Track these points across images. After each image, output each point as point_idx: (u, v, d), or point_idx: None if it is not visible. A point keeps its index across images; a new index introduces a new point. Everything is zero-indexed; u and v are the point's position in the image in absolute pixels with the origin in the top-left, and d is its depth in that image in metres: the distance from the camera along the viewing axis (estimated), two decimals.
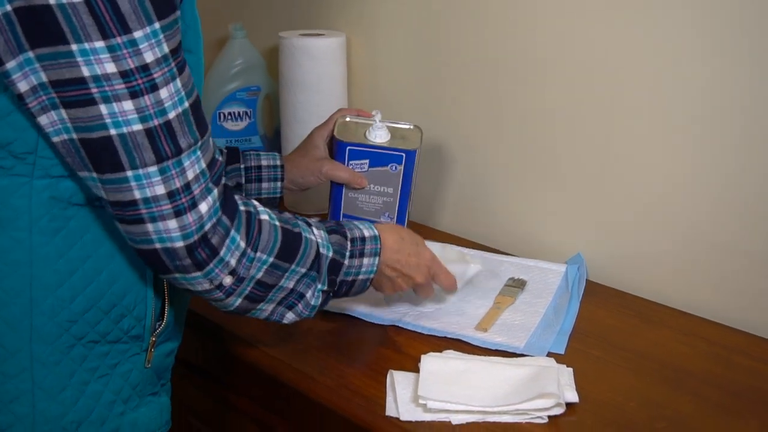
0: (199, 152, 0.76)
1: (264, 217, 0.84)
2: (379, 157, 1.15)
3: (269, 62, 1.65)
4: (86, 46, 0.68)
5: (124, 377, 0.85)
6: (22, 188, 0.76)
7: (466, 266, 1.11)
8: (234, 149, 1.18)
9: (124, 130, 0.71)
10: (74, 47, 0.68)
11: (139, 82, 0.70)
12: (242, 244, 0.80)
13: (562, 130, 1.24)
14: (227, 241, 0.79)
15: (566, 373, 0.93)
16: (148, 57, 0.70)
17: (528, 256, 1.27)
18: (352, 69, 1.51)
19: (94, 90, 0.69)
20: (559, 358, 0.97)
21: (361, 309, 1.09)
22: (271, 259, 0.83)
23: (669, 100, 1.11)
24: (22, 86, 0.70)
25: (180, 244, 0.76)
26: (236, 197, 0.82)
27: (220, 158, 0.80)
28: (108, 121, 0.70)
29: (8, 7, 0.68)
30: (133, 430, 0.87)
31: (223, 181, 0.80)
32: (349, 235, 0.92)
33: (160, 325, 0.86)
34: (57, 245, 0.78)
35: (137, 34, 0.69)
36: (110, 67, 0.69)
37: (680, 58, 1.08)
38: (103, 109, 0.70)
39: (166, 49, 0.72)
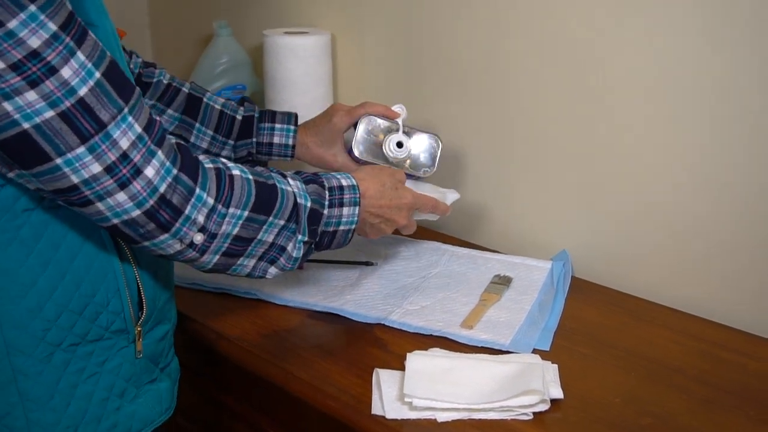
0: (130, 118, 0.73)
1: (236, 172, 0.82)
2: None
3: (255, 60, 1.65)
4: None
5: (114, 372, 0.84)
6: None
7: (443, 196, 1.12)
8: (249, 120, 1.18)
9: (37, 120, 0.68)
10: None
11: (33, 69, 0.67)
12: (210, 201, 0.78)
13: (548, 126, 1.24)
14: (192, 200, 0.77)
15: (551, 370, 0.93)
16: (34, 42, 0.67)
17: (513, 252, 1.27)
18: (337, 67, 1.51)
19: None
20: (544, 355, 0.97)
21: (347, 308, 1.09)
22: (246, 213, 0.81)
23: (658, 96, 1.11)
24: None
25: (137, 212, 0.74)
26: (199, 156, 0.80)
27: (157, 117, 0.77)
28: (17, 116, 0.67)
29: None
30: (132, 423, 0.86)
31: (173, 140, 0.78)
32: (326, 185, 0.91)
33: (141, 315, 0.85)
34: (12, 256, 0.76)
35: (12, 24, 0.66)
36: None
37: (677, 52, 1.07)
38: (7, 106, 0.67)
39: (53, 27, 0.68)
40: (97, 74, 0.71)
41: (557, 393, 0.89)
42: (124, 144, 0.72)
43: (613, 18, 1.12)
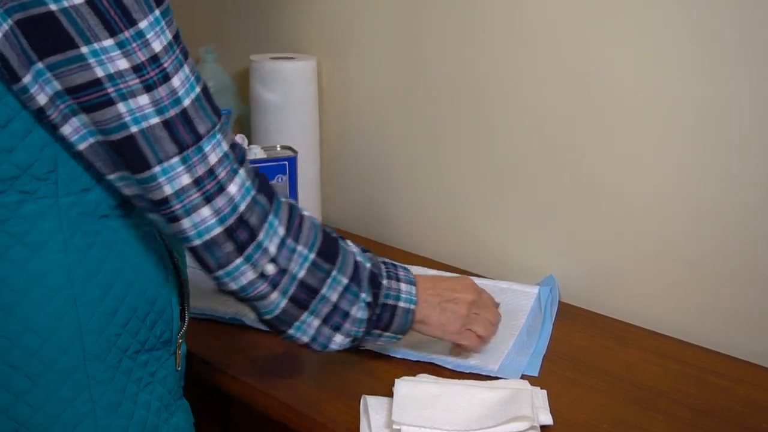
0: (219, 135, 0.75)
1: (306, 213, 0.84)
2: (264, 172, 1.19)
3: (240, 85, 1.65)
4: (96, 46, 0.67)
5: (162, 383, 0.84)
6: (50, 210, 0.74)
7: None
8: None
9: (143, 125, 0.70)
10: (84, 49, 0.67)
11: (151, 74, 0.69)
12: (281, 231, 0.80)
13: (534, 151, 1.24)
14: (266, 225, 0.78)
15: (540, 395, 0.93)
16: (156, 46, 0.69)
17: (500, 278, 1.27)
18: (322, 92, 1.51)
19: (110, 90, 0.68)
20: (533, 381, 0.97)
21: None
22: (312, 256, 0.82)
23: (646, 124, 1.12)
24: (41, 99, 0.69)
25: (218, 230, 0.75)
26: (276, 191, 0.83)
27: (239, 142, 0.80)
28: (127, 119, 0.69)
29: (10, 21, 0.67)
30: None
31: (252, 166, 0.81)
32: (379, 258, 0.91)
33: (182, 326, 0.86)
34: (92, 261, 0.77)
35: (142, 25, 0.68)
36: (122, 64, 0.68)
37: (669, 78, 1.08)
38: (122, 107, 0.69)
39: (169, 35, 0.71)
40: (198, 89, 0.74)
41: (546, 419, 0.89)
42: (212, 159, 0.74)
43: (604, 40, 1.14)
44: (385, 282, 0.89)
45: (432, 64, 1.34)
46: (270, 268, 0.80)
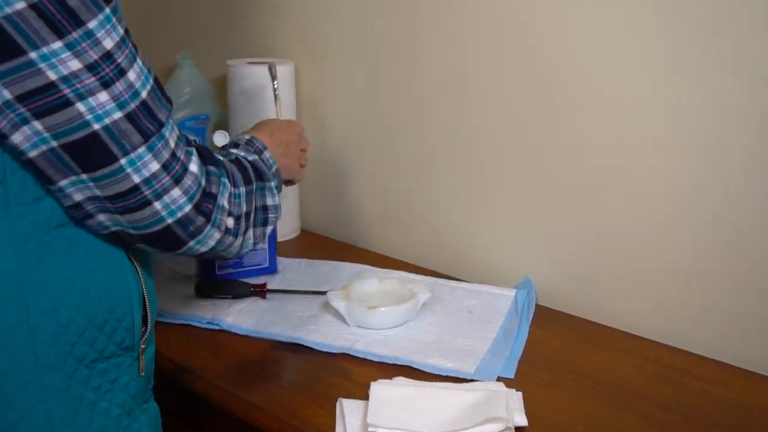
0: (171, 121, 0.78)
1: (221, 158, 0.88)
2: None
3: (218, 91, 1.64)
4: (45, 50, 0.67)
5: (124, 390, 0.84)
6: (0, 221, 0.74)
7: (415, 300, 1.13)
8: None
9: (107, 121, 0.71)
10: (33, 55, 0.67)
11: (107, 71, 0.70)
12: (229, 185, 0.84)
13: (513, 155, 1.25)
14: (221, 187, 0.82)
15: (516, 397, 0.93)
16: (108, 44, 0.70)
17: (478, 281, 1.28)
18: (300, 97, 1.51)
19: (66, 91, 0.68)
20: (509, 383, 0.97)
21: (311, 338, 1.08)
22: (243, 189, 0.87)
23: (625, 124, 1.12)
24: None
25: (189, 207, 0.78)
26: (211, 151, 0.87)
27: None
28: (89, 117, 0.70)
29: None
30: None
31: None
32: (240, 142, 1.00)
33: (144, 332, 0.85)
34: (44, 272, 0.76)
35: (92, 24, 0.69)
36: (75, 65, 0.68)
37: (648, 75, 1.08)
38: (81, 106, 0.69)
39: (121, 31, 0.72)
40: (151, 79, 0.76)
41: (521, 420, 0.89)
42: (172, 143, 0.77)
43: (576, 39, 1.14)
44: (263, 158, 0.97)
45: (409, 68, 1.34)
46: (230, 222, 0.84)
